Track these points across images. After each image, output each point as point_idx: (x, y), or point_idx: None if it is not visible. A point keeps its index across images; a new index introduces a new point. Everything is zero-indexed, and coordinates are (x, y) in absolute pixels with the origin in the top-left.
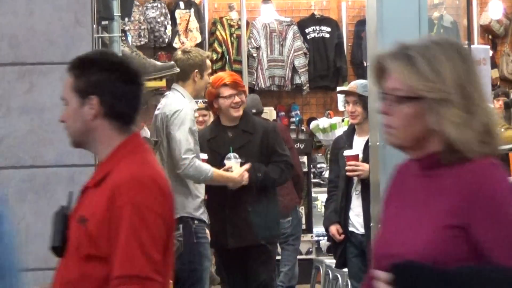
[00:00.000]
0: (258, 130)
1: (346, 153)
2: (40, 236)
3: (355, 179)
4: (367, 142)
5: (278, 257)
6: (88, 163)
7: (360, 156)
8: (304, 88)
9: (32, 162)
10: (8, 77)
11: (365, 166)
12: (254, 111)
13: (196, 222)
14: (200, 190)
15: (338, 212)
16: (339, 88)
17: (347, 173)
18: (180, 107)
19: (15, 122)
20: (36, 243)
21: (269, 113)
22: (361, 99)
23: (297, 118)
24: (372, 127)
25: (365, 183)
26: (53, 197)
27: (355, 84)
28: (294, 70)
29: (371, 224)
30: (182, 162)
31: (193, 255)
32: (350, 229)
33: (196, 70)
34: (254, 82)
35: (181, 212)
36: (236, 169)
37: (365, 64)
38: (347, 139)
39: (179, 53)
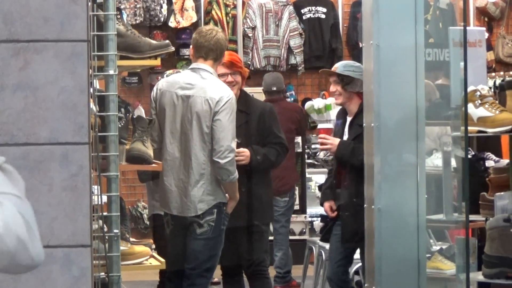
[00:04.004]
0: (255, 111)
1: (320, 126)
2: (34, 214)
3: None
4: (351, 122)
5: (270, 238)
6: (82, 141)
7: (346, 136)
8: (299, 68)
9: (26, 140)
10: (2, 54)
11: (335, 141)
12: (274, 89)
13: (224, 208)
14: None
15: (334, 188)
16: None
17: (319, 146)
18: (229, 93)
19: (9, 100)
20: None
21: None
22: (341, 79)
23: (292, 99)
24: (367, 108)
25: (341, 163)
26: (46, 175)
27: (337, 64)
28: (290, 50)
29: (365, 205)
30: (229, 154)
31: (217, 241)
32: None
33: (225, 52)
34: (249, 62)
35: (218, 198)
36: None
37: (360, 45)
38: (341, 117)
39: (215, 32)
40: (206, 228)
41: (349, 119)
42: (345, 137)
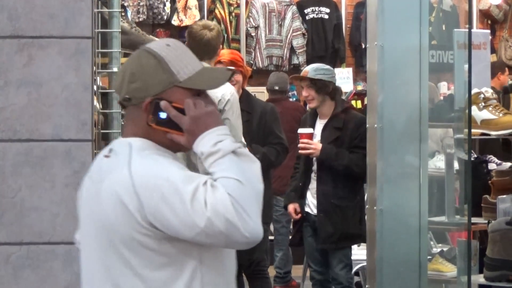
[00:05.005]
0: (257, 110)
1: (300, 130)
2: (35, 210)
3: (314, 159)
4: (326, 124)
5: (270, 237)
6: (85, 138)
7: (318, 138)
8: (302, 68)
9: (29, 136)
10: (7, 49)
11: (318, 145)
12: (276, 88)
13: None
14: None
15: (298, 190)
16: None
17: (299, 151)
18: (230, 89)
19: (12, 95)
20: (31, 216)
21: (266, 93)
22: (313, 83)
23: (294, 99)
24: (370, 109)
25: (321, 164)
26: (49, 172)
27: (307, 69)
28: (292, 50)
29: (367, 206)
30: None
31: None
32: (306, 209)
33: (220, 46)
34: (252, 62)
35: None
36: None
37: (363, 46)
38: (310, 121)
39: (205, 32)
40: None
41: (321, 121)
42: (315, 140)
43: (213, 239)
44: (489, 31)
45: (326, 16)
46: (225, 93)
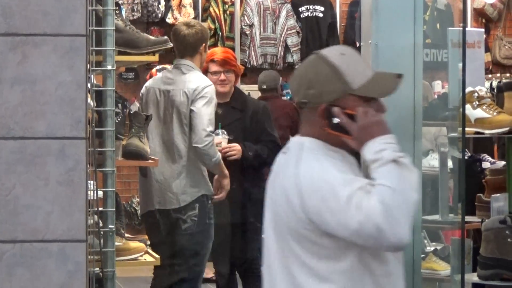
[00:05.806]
0: (248, 108)
1: None
2: (29, 208)
3: None
4: None
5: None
6: (79, 136)
7: None
8: (296, 67)
9: (22, 134)
10: (1, 47)
11: None
12: (264, 87)
13: (209, 201)
14: None
15: None
16: None
17: None
18: (208, 82)
19: (6, 93)
20: (24, 214)
21: None
22: None
23: (288, 97)
24: None
25: None
26: (43, 169)
27: None
28: (287, 48)
29: None
30: (206, 138)
31: (203, 236)
32: None
33: (204, 44)
34: (246, 60)
35: (202, 190)
36: (224, 144)
37: (357, 45)
38: None
39: (183, 28)
40: (190, 223)
41: None
42: None
43: (363, 241)
44: (483, 29)
45: (321, 15)
46: (200, 85)
